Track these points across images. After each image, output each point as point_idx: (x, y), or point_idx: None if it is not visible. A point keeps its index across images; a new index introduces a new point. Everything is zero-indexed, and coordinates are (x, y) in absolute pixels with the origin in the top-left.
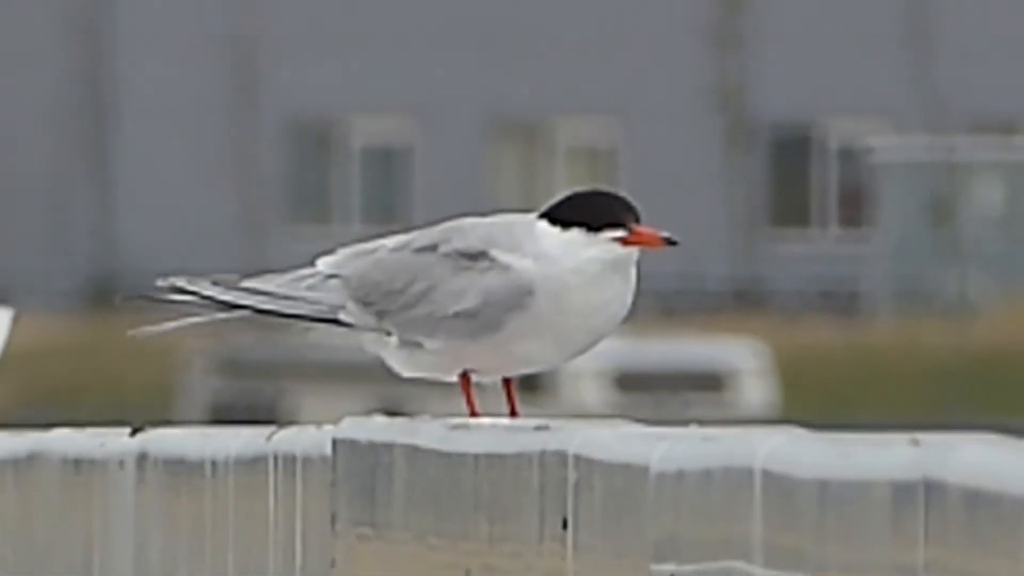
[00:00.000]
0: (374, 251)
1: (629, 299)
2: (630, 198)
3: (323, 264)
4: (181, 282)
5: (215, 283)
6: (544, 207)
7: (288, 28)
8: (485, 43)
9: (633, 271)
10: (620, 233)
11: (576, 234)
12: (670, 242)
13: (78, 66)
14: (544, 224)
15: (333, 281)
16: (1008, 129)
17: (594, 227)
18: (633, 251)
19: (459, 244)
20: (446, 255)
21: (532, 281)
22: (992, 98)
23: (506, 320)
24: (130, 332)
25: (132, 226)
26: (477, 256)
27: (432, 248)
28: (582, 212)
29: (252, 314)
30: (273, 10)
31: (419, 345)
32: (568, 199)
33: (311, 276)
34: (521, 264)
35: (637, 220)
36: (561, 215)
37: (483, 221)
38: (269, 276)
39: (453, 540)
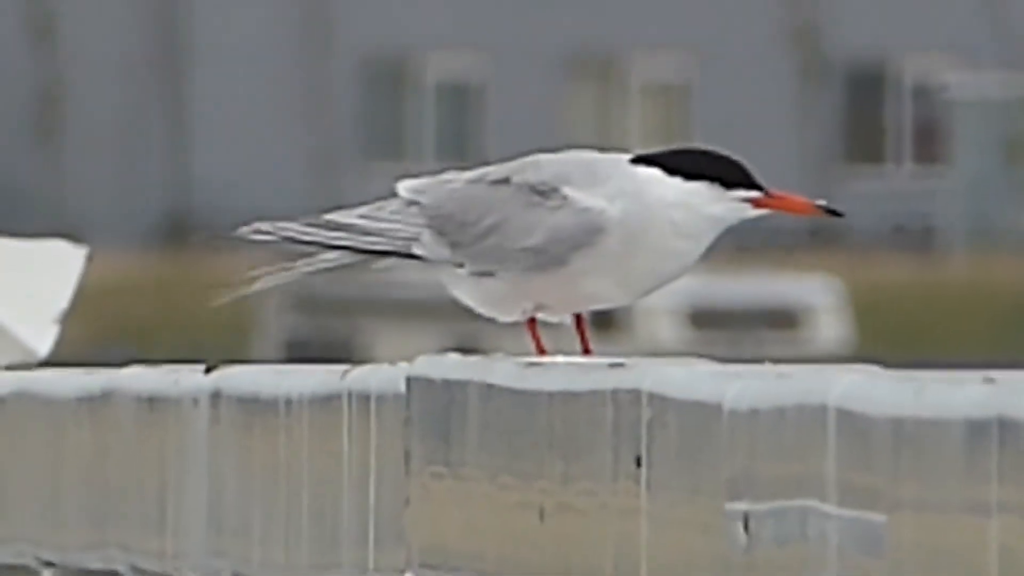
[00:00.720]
0: (454, 180)
1: (703, 251)
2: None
3: (403, 188)
4: (264, 226)
5: (304, 224)
6: (643, 153)
7: None
8: None
9: None
10: (754, 194)
11: (703, 187)
12: (831, 211)
13: (152, 7)
14: (655, 171)
15: (412, 208)
16: None
17: (727, 183)
18: (761, 212)
19: (532, 178)
20: (519, 189)
21: (603, 221)
22: None
23: (573, 257)
24: (210, 301)
25: (207, 164)
26: (549, 192)
27: (506, 181)
28: (710, 166)
29: (328, 255)
30: None
31: (489, 276)
32: (684, 152)
33: (391, 204)
34: (594, 203)
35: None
36: (683, 165)
37: (560, 157)
38: (349, 209)
39: (527, 479)
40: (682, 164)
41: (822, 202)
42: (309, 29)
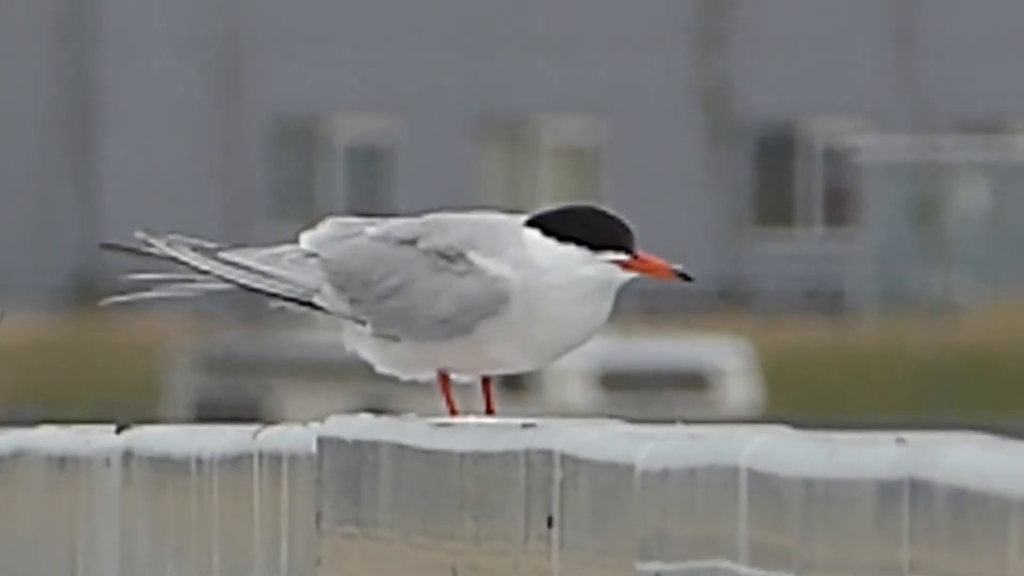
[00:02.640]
0: (356, 235)
1: (606, 315)
2: (628, 222)
3: (305, 240)
4: (164, 245)
5: (195, 249)
6: (534, 214)
7: (271, 27)
8: (469, 42)
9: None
10: (622, 257)
11: (573, 250)
12: (683, 276)
13: (62, 66)
14: (536, 233)
15: (312, 261)
16: (993, 129)
17: (595, 246)
18: (630, 276)
19: (438, 242)
20: (424, 252)
21: (508, 289)
22: (977, 98)
23: (479, 325)
24: (103, 301)
25: (116, 224)
26: (455, 257)
27: (412, 242)
28: (582, 228)
29: (229, 286)
30: (256, 9)
31: (393, 339)
32: (565, 212)
33: (291, 253)
34: (498, 270)
35: (633, 244)
36: (558, 227)
37: (467, 219)
38: (249, 249)
39: (439, 539)
40: (557, 226)
41: (678, 267)
42: (221, 88)
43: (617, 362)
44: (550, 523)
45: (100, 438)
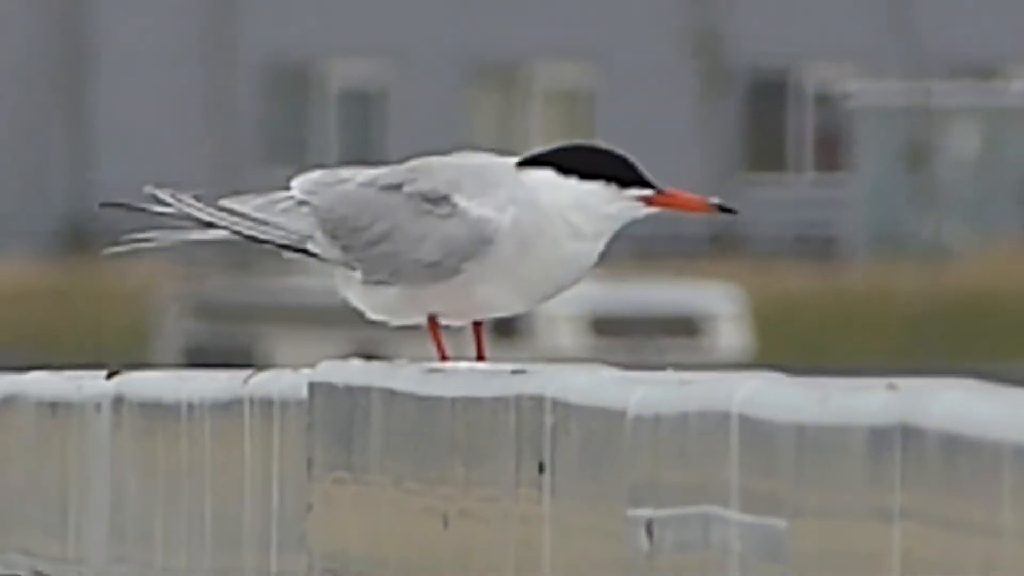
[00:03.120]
0: (346, 181)
1: (598, 254)
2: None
3: (297, 187)
4: (162, 194)
5: (196, 198)
6: (535, 153)
7: None
8: None
9: None
10: (648, 192)
11: (599, 188)
12: (724, 209)
13: (54, 12)
14: (547, 173)
15: (304, 208)
16: (985, 73)
17: (622, 181)
18: (652, 211)
19: (423, 186)
20: (410, 197)
21: (493, 230)
22: (970, 42)
23: (464, 267)
24: (104, 251)
25: (108, 170)
26: (439, 200)
27: (397, 187)
28: (606, 165)
29: (226, 234)
30: None
31: (382, 285)
32: (578, 149)
33: (284, 200)
34: (483, 211)
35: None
36: (578, 165)
37: (452, 162)
38: (246, 197)
39: (429, 485)
40: (576, 164)
41: (715, 200)
42: (212, 35)
43: (608, 307)
44: (541, 469)
45: (91, 383)
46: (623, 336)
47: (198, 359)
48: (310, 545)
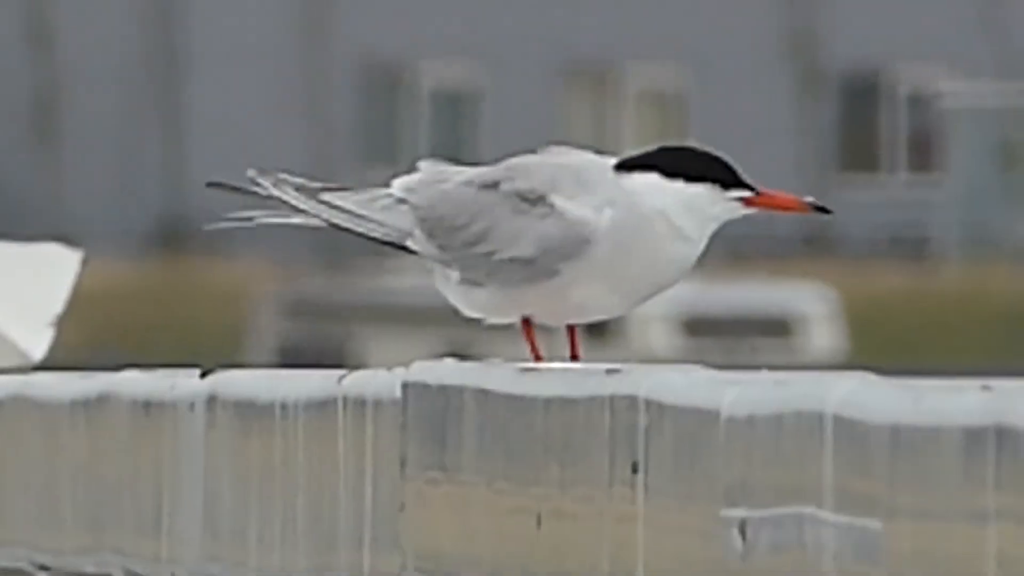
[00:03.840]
0: (445, 180)
1: (697, 254)
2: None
3: (397, 186)
4: (265, 179)
5: (298, 189)
6: (636, 154)
7: None
8: None
9: None
10: (747, 193)
11: (704, 189)
12: (820, 208)
13: (149, 9)
14: (652, 177)
15: (403, 207)
16: None
17: (725, 183)
18: (751, 211)
19: (521, 185)
20: (507, 195)
21: (590, 232)
22: None
23: (561, 268)
24: (206, 226)
25: (202, 169)
26: (536, 201)
27: (495, 186)
28: (709, 168)
29: (327, 225)
30: None
31: (478, 284)
32: (679, 151)
33: (384, 197)
34: (580, 212)
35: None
36: (683, 168)
37: (550, 162)
38: (347, 192)
39: (523, 485)
40: (681, 166)
41: (810, 199)
42: (307, 33)
43: (701, 308)
44: (635, 469)
45: (185, 382)
46: (716, 337)
47: (291, 358)
48: (403, 544)
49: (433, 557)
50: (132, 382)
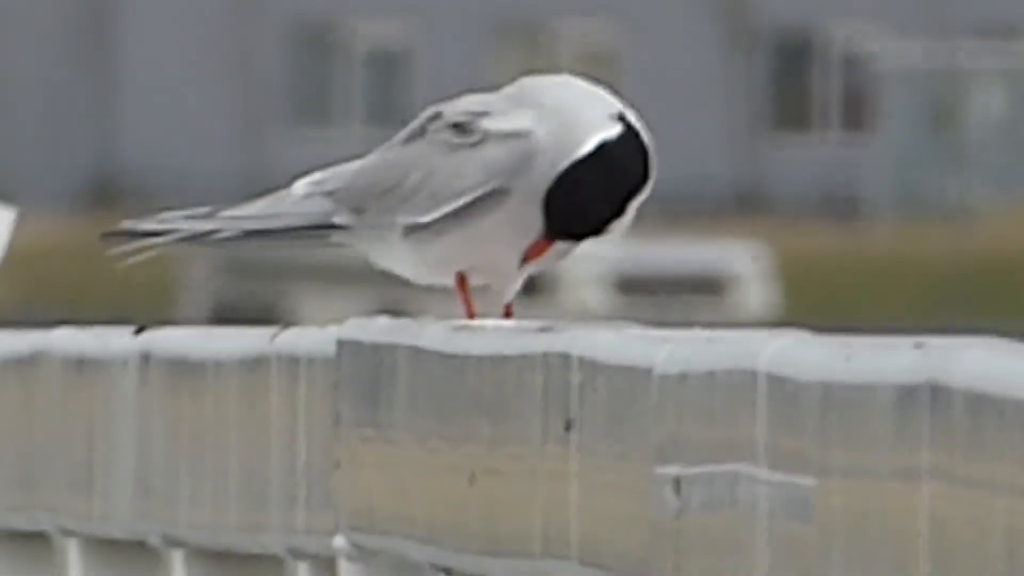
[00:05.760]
0: (351, 164)
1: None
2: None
3: (301, 185)
4: (151, 223)
5: (189, 218)
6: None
7: None
8: None
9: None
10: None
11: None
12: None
13: None
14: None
15: (318, 195)
16: (1010, 34)
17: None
18: None
19: (449, 119)
20: (435, 137)
21: (532, 142)
22: (995, 2)
23: (513, 185)
24: (113, 256)
25: (133, 128)
26: (468, 131)
27: (421, 133)
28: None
29: (233, 240)
30: None
31: (423, 237)
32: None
33: (291, 195)
34: (516, 125)
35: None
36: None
37: (473, 95)
38: (244, 204)
39: (456, 443)
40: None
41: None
42: None
43: (633, 266)
44: (568, 427)
45: (118, 340)
46: (648, 295)
47: (224, 316)
48: (336, 502)
49: (367, 515)
50: (64, 340)
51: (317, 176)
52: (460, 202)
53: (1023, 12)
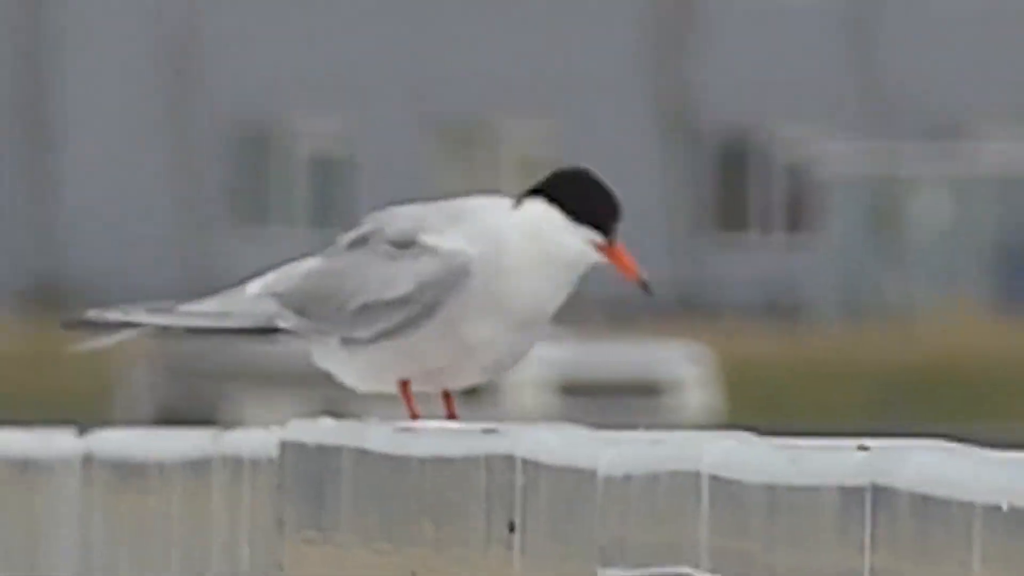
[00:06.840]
0: (299, 266)
1: (558, 293)
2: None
3: (252, 288)
4: (115, 313)
5: (149, 311)
6: (540, 180)
7: (224, 33)
8: (421, 47)
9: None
10: (599, 239)
11: (557, 217)
12: (644, 286)
13: (17, 73)
14: (538, 205)
15: (266, 297)
16: (954, 133)
17: (580, 218)
18: (598, 259)
19: (390, 232)
20: (376, 247)
21: (467, 260)
22: (938, 102)
23: (444, 300)
24: (71, 348)
25: (75, 230)
26: (407, 244)
27: (363, 242)
28: (573, 195)
29: (190, 332)
30: (210, 13)
31: (360, 344)
32: (562, 177)
33: (242, 295)
34: (452, 245)
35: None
36: (553, 192)
37: (414, 207)
38: (201, 300)
39: (399, 544)
40: (553, 191)
41: (644, 276)
42: (179, 92)
43: (574, 369)
44: (511, 528)
45: (60, 441)
46: (590, 398)
47: (166, 417)
48: None
49: None
50: (7, 440)
51: (270, 277)
52: (394, 318)
53: (966, 115)
